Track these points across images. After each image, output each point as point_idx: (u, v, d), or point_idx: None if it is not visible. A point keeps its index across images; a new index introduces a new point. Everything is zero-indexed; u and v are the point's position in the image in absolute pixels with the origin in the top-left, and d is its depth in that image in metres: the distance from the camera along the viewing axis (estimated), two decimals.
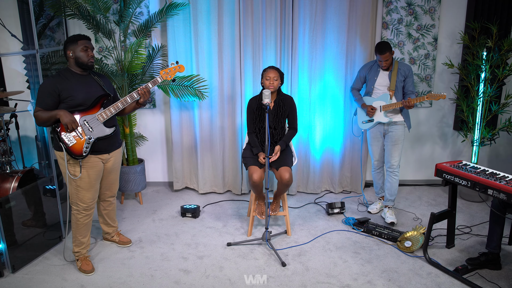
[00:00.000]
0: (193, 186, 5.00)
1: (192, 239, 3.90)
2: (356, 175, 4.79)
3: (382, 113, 4.06)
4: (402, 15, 4.48)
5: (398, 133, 4.07)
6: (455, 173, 3.33)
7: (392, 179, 4.16)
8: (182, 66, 3.54)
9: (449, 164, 3.47)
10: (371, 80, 4.10)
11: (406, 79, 4.01)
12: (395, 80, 3.98)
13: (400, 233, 3.83)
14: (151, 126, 4.95)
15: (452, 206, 3.57)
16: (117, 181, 3.62)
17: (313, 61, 4.47)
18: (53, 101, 3.09)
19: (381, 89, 4.06)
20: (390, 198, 4.23)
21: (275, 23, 4.34)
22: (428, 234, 3.50)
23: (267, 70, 3.75)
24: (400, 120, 4.06)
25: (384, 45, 3.88)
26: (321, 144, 4.73)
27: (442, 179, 3.45)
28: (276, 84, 3.73)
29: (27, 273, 3.38)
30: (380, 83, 4.05)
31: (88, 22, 4.11)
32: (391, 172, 4.15)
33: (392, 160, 4.11)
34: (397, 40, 4.55)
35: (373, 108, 4.08)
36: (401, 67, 4.00)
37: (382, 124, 4.12)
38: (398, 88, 4.01)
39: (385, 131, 4.13)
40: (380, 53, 3.90)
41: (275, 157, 3.73)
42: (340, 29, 4.37)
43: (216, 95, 4.60)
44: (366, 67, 4.16)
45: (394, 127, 4.08)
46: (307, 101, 4.60)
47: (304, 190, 4.90)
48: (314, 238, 3.87)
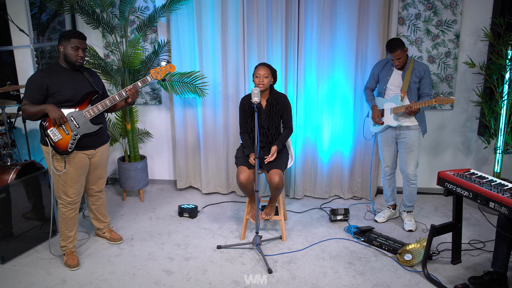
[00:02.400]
0: (197, 185, 5.07)
1: (184, 239, 3.96)
2: (368, 180, 4.67)
3: (392, 116, 3.93)
4: (420, 10, 4.32)
5: (411, 138, 3.92)
6: (457, 182, 3.18)
7: (410, 188, 4.03)
8: (173, 66, 3.61)
9: (453, 172, 3.32)
10: (384, 80, 3.98)
11: (422, 80, 3.84)
12: (408, 80, 3.83)
13: (402, 245, 3.70)
14: (157, 123, 5.07)
15: (457, 218, 3.41)
16: (103, 176, 3.74)
17: (321, 59, 4.41)
18: (41, 95, 3.23)
19: (394, 90, 3.92)
20: (409, 205, 4.12)
21: (281, 18, 4.31)
22: (427, 248, 3.36)
23: (257, 67, 3.74)
24: (413, 124, 3.91)
25: (395, 42, 3.74)
26: (330, 146, 4.66)
27: (444, 188, 3.30)
28: (266, 82, 3.71)
29: (15, 265, 3.57)
30: (393, 83, 3.92)
31: (88, 16, 4.26)
32: (408, 181, 4.02)
33: (408, 169, 3.97)
34: (414, 37, 4.39)
35: (380, 115, 3.98)
36: (416, 66, 3.84)
37: (394, 128, 3.98)
38: (411, 89, 3.84)
39: (397, 136, 3.99)
40: (390, 51, 3.76)
41: (271, 158, 3.71)
42: (350, 25, 4.28)
43: (219, 92, 4.64)
44: (380, 65, 4.04)
45: (407, 132, 3.93)
46: (314, 101, 4.54)
47: (312, 194, 4.85)
48: (309, 246, 3.82)
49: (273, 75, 3.77)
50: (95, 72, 3.59)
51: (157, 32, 4.74)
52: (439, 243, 3.79)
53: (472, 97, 4.49)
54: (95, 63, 4.31)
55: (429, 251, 3.38)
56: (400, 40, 3.75)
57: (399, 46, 3.72)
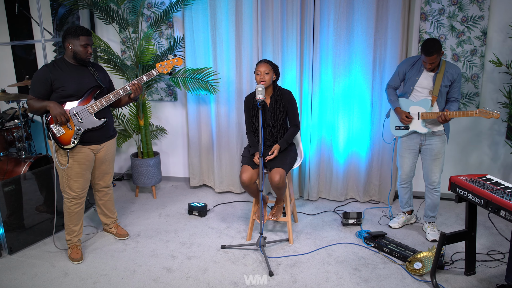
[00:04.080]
0: (210, 184, 5.13)
1: (189, 238, 4.02)
2: (386, 183, 4.59)
3: (420, 121, 3.76)
4: (444, 5, 4.19)
5: (438, 145, 3.78)
6: (469, 188, 3.08)
7: (433, 196, 3.92)
8: (180, 59, 3.67)
9: (466, 177, 3.21)
10: (411, 80, 3.79)
11: (453, 84, 3.67)
12: (440, 84, 3.65)
13: (414, 253, 3.62)
14: (172, 119, 5.16)
15: (470, 226, 3.30)
16: (110, 172, 3.85)
17: (337, 56, 4.36)
18: (45, 89, 3.37)
19: (422, 92, 3.74)
20: (432, 215, 4.00)
21: (296, 13, 4.30)
22: (436, 257, 3.27)
23: (257, 64, 3.76)
24: (440, 130, 3.76)
25: (432, 45, 3.49)
26: (346, 147, 4.60)
27: (456, 194, 3.20)
28: (268, 79, 3.71)
29: (22, 256, 3.74)
30: (422, 85, 3.73)
31: (101, 11, 4.39)
32: (432, 189, 3.91)
33: (433, 176, 3.86)
34: (437, 33, 4.27)
35: (409, 116, 3.80)
36: (448, 69, 3.64)
37: (419, 135, 3.84)
38: (442, 93, 3.68)
39: (422, 143, 3.85)
40: (426, 54, 3.52)
41: (271, 157, 3.71)
42: (368, 21, 4.21)
43: (233, 90, 4.67)
44: (408, 63, 3.84)
45: (433, 139, 3.79)
46: (330, 99, 4.50)
47: (327, 196, 4.81)
48: (316, 249, 3.80)
49: (274, 71, 3.77)
50: (101, 67, 3.70)
51: (173, 27, 4.82)
52: (455, 252, 3.67)
53: (500, 98, 4.31)
54: (108, 58, 4.43)
55: (438, 260, 3.28)
56: (438, 42, 3.51)
57: (436, 50, 3.49)
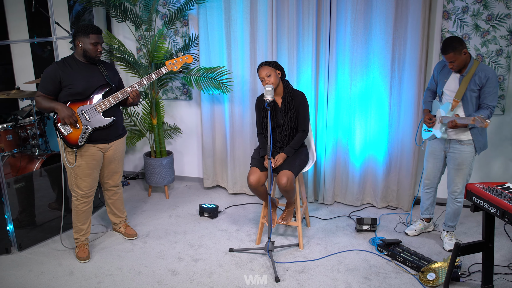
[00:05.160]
0: (224, 185, 5.13)
1: (198, 240, 4.02)
2: (404, 189, 4.48)
3: (439, 125, 3.64)
4: (467, 3, 4.06)
5: (463, 155, 3.63)
6: (485, 197, 2.96)
7: (455, 205, 3.80)
8: (190, 57, 3.69)
9: (483, 185, 3.10)
10: (441, 82, 3.68)
11: (483, 89, 3.48)
12: (465, 87, 3.50)
13: (428, 263, 3.52)
14: (187, 119, 5.18)
15: (488, 237, 3.18)
16: (119, 171, 3.89)
17: (354, 55, 4.28)
18: (54, 87, 3.43)
19: (450, 96, 3.61)
20: (451, 224, 3.88)
21: (312, 11, 4.24)
22: (450, 268, 3.16)
23: (258, 70, 3.73)
24: (467, 139, 3.59)
25: (446, 43, 3.40)
26: (362, 150, 4.52)
27: (472, 203, 3.09)
28: (273, 80, 3.66)
29: (31, 253, 3.82)
30: (449, 88, 3.61)
31: (114, 9, 4.44)
32: (453, 198, 3.78)
33: (455, 186, 3.73)
34: (461, 33, 4.14)
35: (432, 118, 3.69)
36: (478, 71, 3.47)
37: (443, 141, 3.71)
38: (467, 98, 3.51)
39: (446, 149, 3.72)
40: (442, 52, 3.43)
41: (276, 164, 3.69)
42: (387, 18, 4.12)
43: (247, 89, 4.65)
44: (440, 64, 3.73)
45: (457, 147, 3.64)
46: (347, 101, 4.43)
47: (342, 201, 4.73)
48: (327, 256, 3.74)
49: (276, 68, 3.71)
50: (111, 65, 3.74)
51: (188, 25, 4.84)
52: (472, 264, 3.56)
53: None
54: (121, 56, 4.48)
55: (452, 271, 3.18)
56: (455, 40, 3.39)
57: (452, 48, 3.37)
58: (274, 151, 3.83)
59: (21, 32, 5.40)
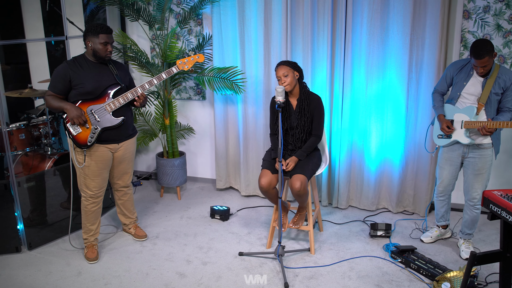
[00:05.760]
0: (236, 186, 5.10)
1: (208, 242, 4.00)
2: (421, 194, 4.38)
3: (463, 130, 3.54)
4: (489, 2, 3.94)
5: (482, 159, 3.53)
6: (503, 204, 2.86)
7: (473, 213, 3.69)
8: (201, 56, 3.68)
9: (502, 193, 2.99)
10: (459, 85, 3.57)
11: (506, 92, 3.39)
12: (489, 91, 3.40)
13: (443, 271, 3.42)
14: (200, 119, 5.17)
15: (506, 247, 3.07)
16: (129, 172, 3.89)
17: (370, 56, 4.21)
18: (63, 86, 3.45)
19: (469, 99, 3.51)
20: (468, 232, 3.78)
21: (327, 11, 4.18)
22: (465, 278, 3.06)
23: (275, 70, 3.68)
24: (486, 142, 3.51)
25: (483, 47, 3.24)
26: (378, 153, 4.44)
27: (489, 211, 2.99)
28: (290, 81, 3.61)
29: (41, 252, 3.86)
30: (469, 91, 3.50)
31: (127, 8, 4.45)
32: (471, 206, 3.68)
33: (474, 193, 3.63)
34: (482, 33, 4.02)
35: (450, 127, 3.58)
36: (501, 74, 3.38)
37: (462, 146, 3.61)
38: (491, 101, 3.42)
39: (465, 155, 3.62)
40: (476, 57, 3.26)
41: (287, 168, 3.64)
42: (404, 18, 4.03)
43: (261, 90, 4.61)
44: (456, 66, 3.62)
45: (478, 152, 3.54)
46: (362, 102, 4.35)
47: (357, 205, 4.66)
48: (338, 262, 3.68)
49: (294, 69, 3.66)
50: (122, 65, 3.74)
51: (202, 25, 4.82)
52: (490, 273, 3.45)
53: None
54: (133, 56, 4.49)
55: (467, 281, 3.08)
56: (490, 43, 3.26)
57: (487, 52, 3.22)
58: (286, 154, 3.79)
59: (37, 31, 5.47)
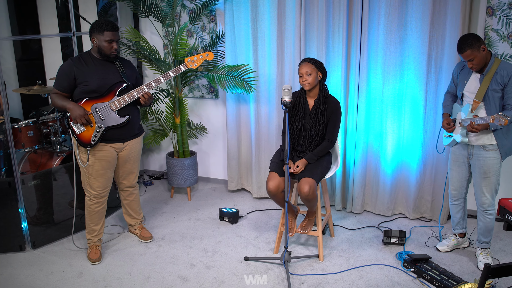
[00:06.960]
0: (248, 188, 5.05)
1: (214, 246, 3.97)
2: (439, 199, 4.24)
3: (459, 129, 3.46)
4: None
5: (488, 162, 3.40)
6: None
7: (486, 219, 3.55)
8: (211, 54, 3.65)
9: None
10: (461, 84, 3.50)
11: (506, 88, 3.27)
12: (486, 87, 3.30)
13: (457, 283, 3.29)
14: (213, 118, 5.14)
15: None
16: (134, 172, 3.88)
17: (387, 54, 4.09)
18: (68, 83, 3.46)
19: (470, 97, 3.43)
20: (485, 240, 3.64)
21: (343, 7, 4.07)
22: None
23: (299, 65, 3.61)
24: (491, 143, 3.36)
25: (464, 40, 3.25)
26: (394, 156, 4.31)
27: (504, 220, 2.86)
28: (311, 80, 3.54)
29: (44, 252, 3.90)
30: (470, 89, 3.42)
31: (137, 4, 4.44)
32: (483, 211, 3.54)
33: (483, 197, 3.49)
34: (506, 31, 3.86)
35: (450, 123, 3.51)
36: (500, 70, 3.27)
37: (466, 146, 3.49)
38: (489, 98, 3.31)
39: (469, 156, 3.50)
40: (458, 51, 3.28)
41: (296, 170, 3.57)
42: (424, 15, 3.90)
43: (274, 89, 4.55)
44: (459, 66, 3.57)
45: (482, 153, 3.41)
46: (379, 103, 4.24)
47: (372, 210, 4.54)
48: (347, 269, 3.59)
49: (319, 69, 3.58)
50: (129, 62, 3.73)
51: (216, 21, 4.79)
52: (509, 286, 3.30)
53: None
54: (142, 53, 4.48)
55: None
56: (471, 37, 3.23)
57: (468, 45, 3.20)
58: (295, 155, 3.72)
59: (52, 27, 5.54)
